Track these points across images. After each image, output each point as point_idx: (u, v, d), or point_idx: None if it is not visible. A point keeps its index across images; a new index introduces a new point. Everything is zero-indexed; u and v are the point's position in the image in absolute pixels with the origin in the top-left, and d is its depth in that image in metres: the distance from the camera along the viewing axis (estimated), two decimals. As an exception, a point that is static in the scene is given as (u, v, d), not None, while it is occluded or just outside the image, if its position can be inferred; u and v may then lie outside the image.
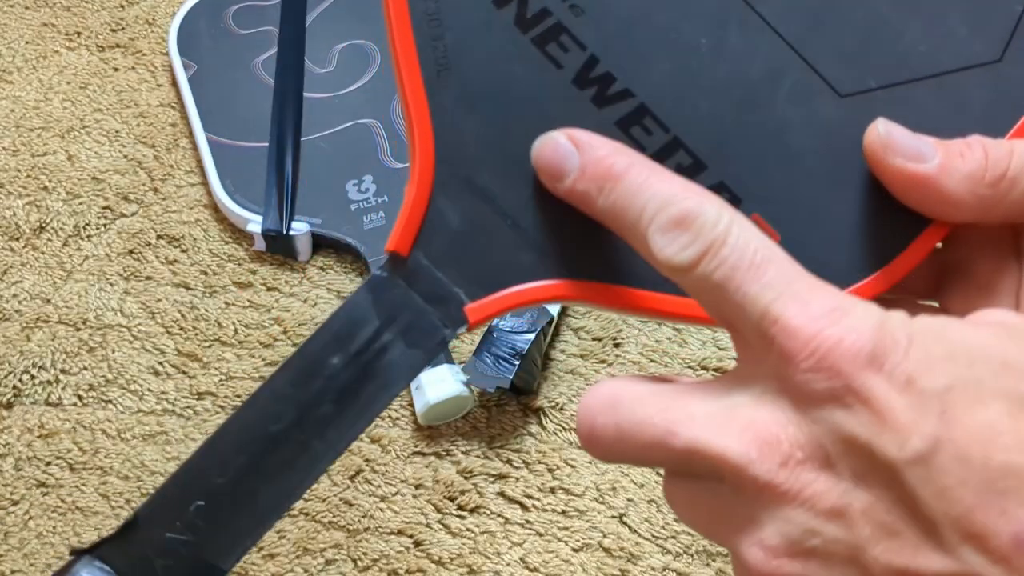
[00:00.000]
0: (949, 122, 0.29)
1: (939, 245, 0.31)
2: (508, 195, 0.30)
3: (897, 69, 0.30)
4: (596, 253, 0.30)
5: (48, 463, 0.58)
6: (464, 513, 0.56)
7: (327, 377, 0.28)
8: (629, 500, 0.56)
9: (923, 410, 0.24)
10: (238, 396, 0.59)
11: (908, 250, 0.30)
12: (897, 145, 0.29)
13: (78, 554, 0.27)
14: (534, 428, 0.58)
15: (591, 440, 0.28)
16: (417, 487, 0.56)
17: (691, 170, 0.30)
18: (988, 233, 0.31)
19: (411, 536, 0.55)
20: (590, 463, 0.57)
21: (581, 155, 0.29)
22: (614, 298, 0.30)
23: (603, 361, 0.60)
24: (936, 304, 0.33)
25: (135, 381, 0.60)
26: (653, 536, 0.55)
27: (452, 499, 0.56)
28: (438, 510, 0.56)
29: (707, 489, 0.28)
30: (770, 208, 0.30)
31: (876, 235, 0.30)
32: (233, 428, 0.28)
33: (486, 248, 0.30)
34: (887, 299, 0.31)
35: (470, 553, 0.55)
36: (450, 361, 0.58)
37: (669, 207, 0.27)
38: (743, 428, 0.26)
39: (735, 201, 0.30)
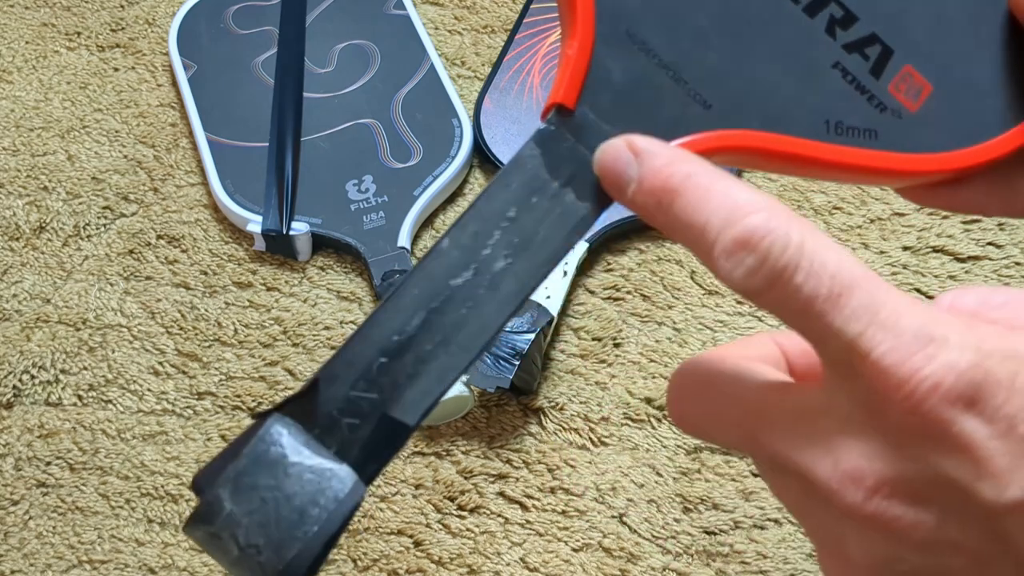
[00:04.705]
0: None
1: None
2: (668, 48, 0.30)
3: None
4: (763, 103, 0.30)
5: (48, 463, 0.58)
6: (464, 513, 0.56)
7: (503, 229, 0.28)
8: (629, 500, 0.56)
9: (1022, 458, 0.23)
10: (238, 396, 0.59)
11: None
12: None
13: (264, 415, 0.27)
14: (534, 428, 0.58)
15: (681, 427, 0.28)
16: (417, 487, 0.56)
17: (844, 22, 0.30)
18: None
19: (411, 536, 0.55)
20: (590, 463, 0.57)
21: (639, 165, 0.27)
22: (782, 148, 0.30)
23: (603, 361, 0.60)
24: None
25: (135, 381, 0.60)
26: (653, 536, 0.55)
27: (452, 499, 0.56)
28: (438, 510, 0.56)
29: (797, 483, 0.27)
30: (920, 59, 0.31)
31: (1021, 85, 0.31)
32: (414, 285, 0.28)
33: (650, 101, 0.30)
34: None
35: (470, 553, 0.55)
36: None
37: (732, 225, 0.25)
38: (826, 452, 0.25)
39: (887, 52, 0.31)
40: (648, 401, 0.58)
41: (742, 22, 0.30)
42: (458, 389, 0.57)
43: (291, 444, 0.27)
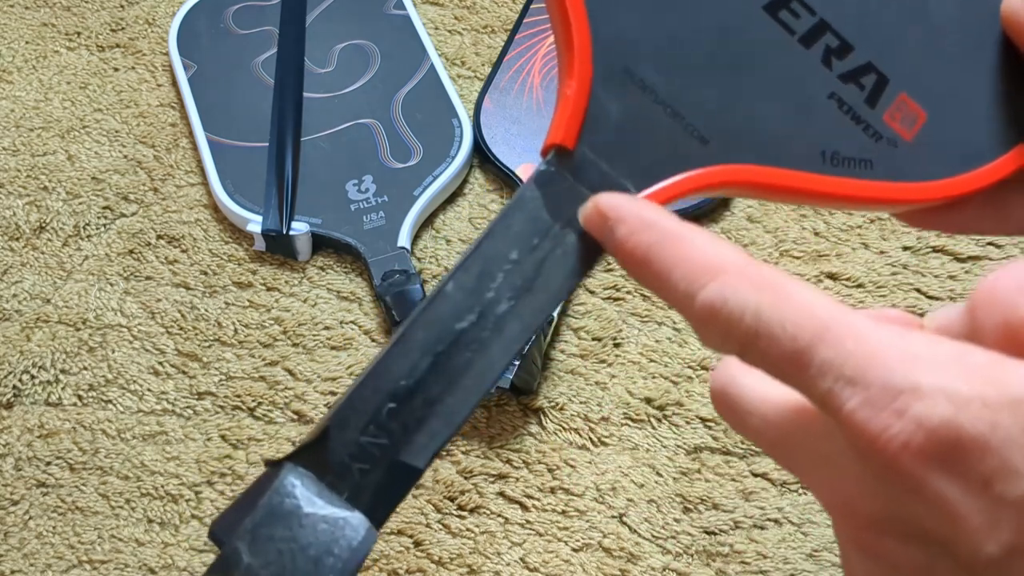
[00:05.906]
0: None
1: None
2: (666, 84, 0.30)
3: None
4: (760, 137, 0.30)
5: (48, 463, 0.58)
6: (464, 513, 0.56)
7: (506, 272, 0.29)
8: (629, 500, 0.56)
9: (999, 516, 0.23)
10: (238, 396, 0.59)
11: None
12: None
13: (277, 463, 0.28)
14: (534, 428, 0.58)
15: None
16: (417, 487, 0.56)
17: (839, 51, 0.31)
18: None
19: (411, 536, 0.55)
20: (590, 463, 0.57)
21: (608, 232, 0.28)
22: (779, 182, 0.30)
23: (603, 361, 0.60)
24: None
25: (135, 381, 0.60)
26: (653, 536, 0.55)
27: (452, 499, 0.56)
28: (438, 510, 0.56)
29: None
30: (915, 87, 0.31)
31: (1016, 109, 0.31)
32: (419, 329, 0.29)
33: (648, 139, 0.30)
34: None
35: (470, 553, 0.55)
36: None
37: (692, 298, 0.26)
38: (826, 478, 0.26)
39: (882, 81, 0.31)
40: (648, 401, 0.58)
41: (739, 56, 0.30)
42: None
43: (304, 495, 0.28)
